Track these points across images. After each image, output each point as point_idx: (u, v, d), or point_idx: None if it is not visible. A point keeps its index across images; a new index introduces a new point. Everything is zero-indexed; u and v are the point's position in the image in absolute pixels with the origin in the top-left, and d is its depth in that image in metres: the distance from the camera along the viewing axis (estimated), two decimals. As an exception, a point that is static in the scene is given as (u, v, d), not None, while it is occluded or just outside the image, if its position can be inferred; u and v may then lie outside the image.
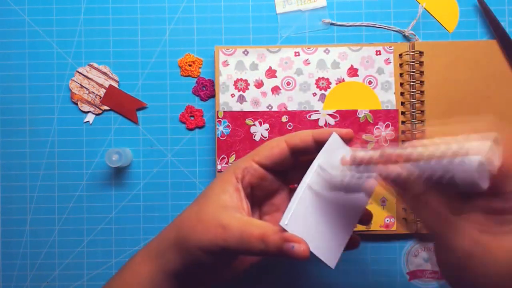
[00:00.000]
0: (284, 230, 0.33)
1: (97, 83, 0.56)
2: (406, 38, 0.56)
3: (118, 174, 0.56)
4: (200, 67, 0.56)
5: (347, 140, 0.39)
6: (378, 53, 0.54)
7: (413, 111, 0.53)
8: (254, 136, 0.53)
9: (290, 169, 0.41)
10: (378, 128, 0.53)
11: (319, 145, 0.38)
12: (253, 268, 0.42)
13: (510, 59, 0.53)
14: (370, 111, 0.53)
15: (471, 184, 0.29)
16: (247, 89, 0.54)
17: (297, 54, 0.54)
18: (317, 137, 0.38)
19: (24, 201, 0.56)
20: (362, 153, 0.35)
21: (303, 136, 0.39)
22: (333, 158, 0.37)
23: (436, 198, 0.32)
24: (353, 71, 0.54)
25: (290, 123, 0.53)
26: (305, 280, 0.55)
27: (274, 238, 0.33)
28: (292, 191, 0.42)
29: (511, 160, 0.30)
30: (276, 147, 0.39)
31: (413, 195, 0.32)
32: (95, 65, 0.56)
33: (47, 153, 0.56)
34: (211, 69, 0.56)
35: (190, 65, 0.56)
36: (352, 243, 0.40)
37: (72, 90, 0.56)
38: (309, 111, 0.53)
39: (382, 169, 0.33)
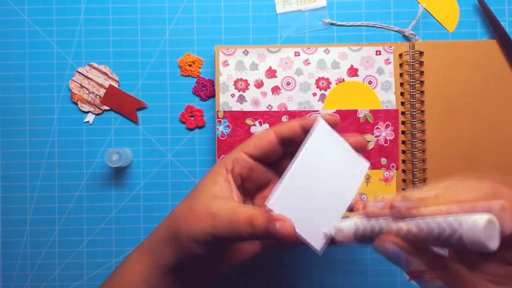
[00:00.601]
0: (271, 211, 0.34)
1: (97, 83, 0.56)
2: (406, 38, 0.56)
3: (118, 174, 0.56)
4: (200, 67, 0.56)
5: (334, 125, 0.39)
6: (378, 53, 0.54)
7: (413, 111, 0.53)
8: (254, 136, 0.53)
9: (280, 160, 0.41)
10: (378, 128, 0.53)
11: (307, 133, 0.38)
12: (251, 263, 0.42)
13: (510, 59, 0.53)
14: (370, 111, 0.53)
15: (479, 245, 0.27)
16: (247, 89, 0.54)
17: (297, 54, 0.54)
18: (304, 125, 0.39)
19: (24, 201, 0.56)
20: (373, 207, 0.34)
21: (290, 125, 0.39)
22: (322, 142, 0.37)
23: (452, 257, 0.31)
24: (353, 71, 0.54)
25: (290, 123, 0.53)
26: (304, 280, 0.55)
27: (260, 219, 0.34)
28: None
29: None
30: (265, 137, 0.40)
31: (428, 255, 0.32)
32: (95, 65, 0.56)
33: (47, 153, 0.56)
34: (211, 69, 0.56)
35: (190, 65, 0.56)
36: None
37: (72, 90, 0.56)
38: (309, 111, 0.53)
39: (393, 226, 0.32)
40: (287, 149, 0.40)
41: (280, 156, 0.41)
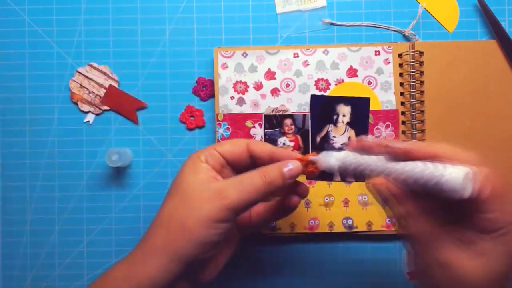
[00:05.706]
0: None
1: (97, 83, 0.56)
2: (406, 38, 0.55)
3: (118, 174, 0.56)
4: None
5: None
6: (377, 53, 0.54)
7: (413, 111, 0.53)
8: (254, 138, 0.53)
9: (247, 169, 0.42)
10: (378, 128, 0.53)
11: (273, 161, 0.40)
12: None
13: (510, 59, 0.53)
14: (370, 111, 0.53)
15: (455, 191, 0.32)
16: (247, 91, 0.54)
17: (296, 55, 0.54)
18: (273, 156, 0.41)
19: (24, 201, 0.56)
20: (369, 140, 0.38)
21: (263, 147, 0.42)
22: None
23: (421, 209, 0.36)
24: (352, 72, 0.54)
25: (289, 124, 0.53)
26: (303, 280, 0.55)
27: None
28: None
29: (496, 186, 0.33)
30: (238, 146, 0.42)
31: (402, 203, 0.36)
32: (95, 65, 0.56)
33: (47, 153, 0.56)
34: (211, 69, 0.56)
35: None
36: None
37: (72, 90, 0.56)
38: (308, 112, 0.53)
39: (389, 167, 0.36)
40: (255, 162, 0.42)
41: (248, 166, 0.42)
